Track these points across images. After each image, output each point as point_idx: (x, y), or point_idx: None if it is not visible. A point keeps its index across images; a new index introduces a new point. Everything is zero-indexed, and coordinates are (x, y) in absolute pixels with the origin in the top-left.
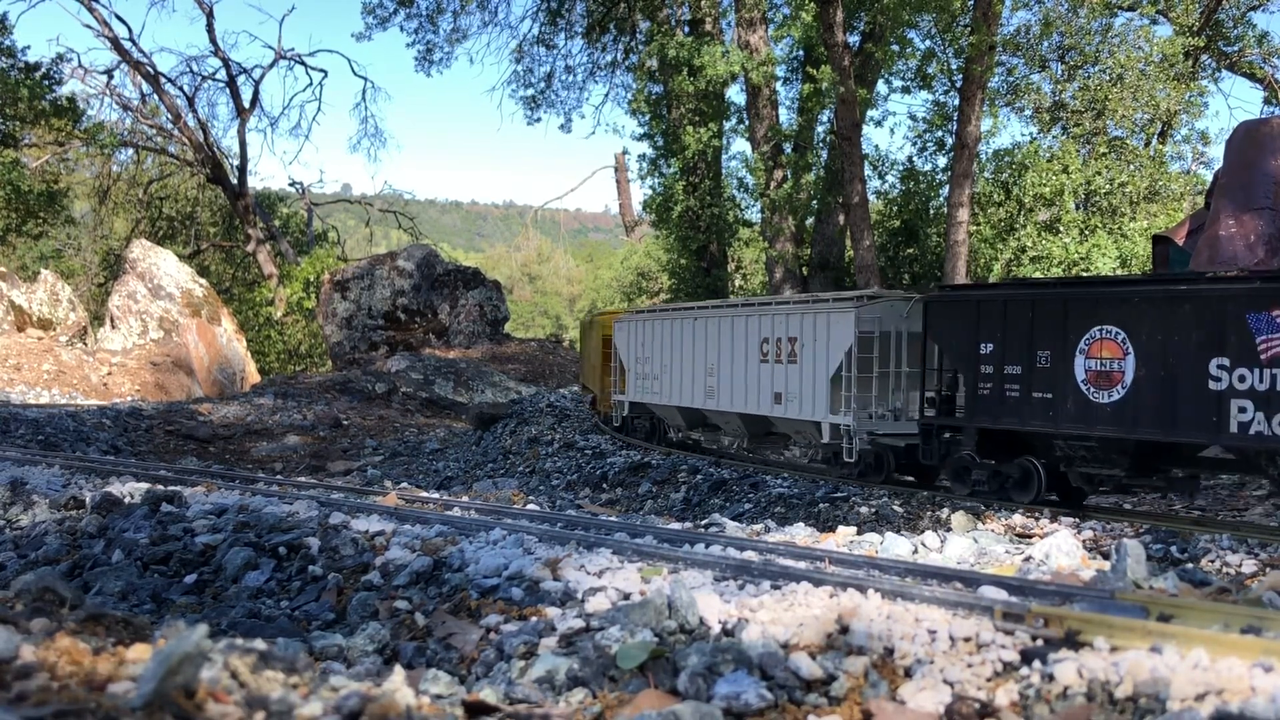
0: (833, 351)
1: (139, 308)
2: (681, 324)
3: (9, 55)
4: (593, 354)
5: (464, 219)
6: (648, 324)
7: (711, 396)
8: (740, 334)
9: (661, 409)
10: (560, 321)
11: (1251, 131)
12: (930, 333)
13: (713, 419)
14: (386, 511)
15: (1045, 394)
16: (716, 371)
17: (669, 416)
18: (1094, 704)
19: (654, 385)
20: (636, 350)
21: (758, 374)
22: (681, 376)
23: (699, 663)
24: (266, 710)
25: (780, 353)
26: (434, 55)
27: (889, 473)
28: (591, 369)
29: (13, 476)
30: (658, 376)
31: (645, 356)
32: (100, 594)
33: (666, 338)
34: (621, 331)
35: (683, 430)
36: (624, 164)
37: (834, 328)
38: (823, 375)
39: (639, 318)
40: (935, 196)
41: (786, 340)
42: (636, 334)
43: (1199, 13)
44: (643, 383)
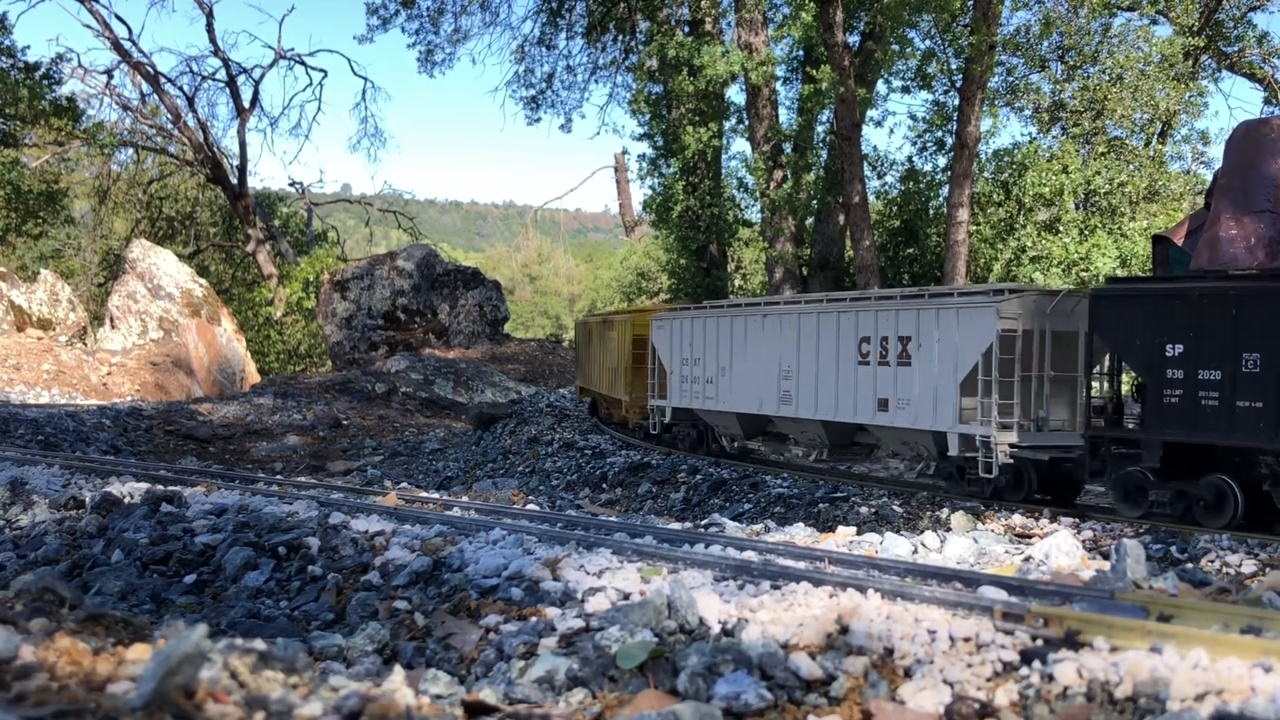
0: (964, 352)
1: (139, 308)
2: (746, 322)
3: (9, 55)
4: (607, 355)
5: (464, 219)
6: (699, 322)
7: (787, 402)
8: (829, 332)
9: (714, 416)
10: (560, 321)
11: (1251, 132)
12: (1099, 332)
13: (782, 428)
14: (386, 511)
15: (1253, 403)
16: (794, 374)
17: (723, 424)
18: (1094, 704)
19: (706, 390)
20: (682, 351)
21: (854, 377)
22: (745, 380)
23: (699, 663)
24: (266, 710)
25: (887, 353)
26: (435, 56)
27: (1030, 491)
28: (604, 370)
29: (13, 476)
30: (711, 380)
31: (694, 358)
32: (100, 594)
33: (724, 337)
34: (662, 330)
35: (739, 440)
36: (624, 164)
37: (966, 325)
38: (948, 379)
39: (687, 315)
40: (935, 196)
41: (896, 339)
42: (683, 333)
43: (1199, 13)
44: (690, 387)
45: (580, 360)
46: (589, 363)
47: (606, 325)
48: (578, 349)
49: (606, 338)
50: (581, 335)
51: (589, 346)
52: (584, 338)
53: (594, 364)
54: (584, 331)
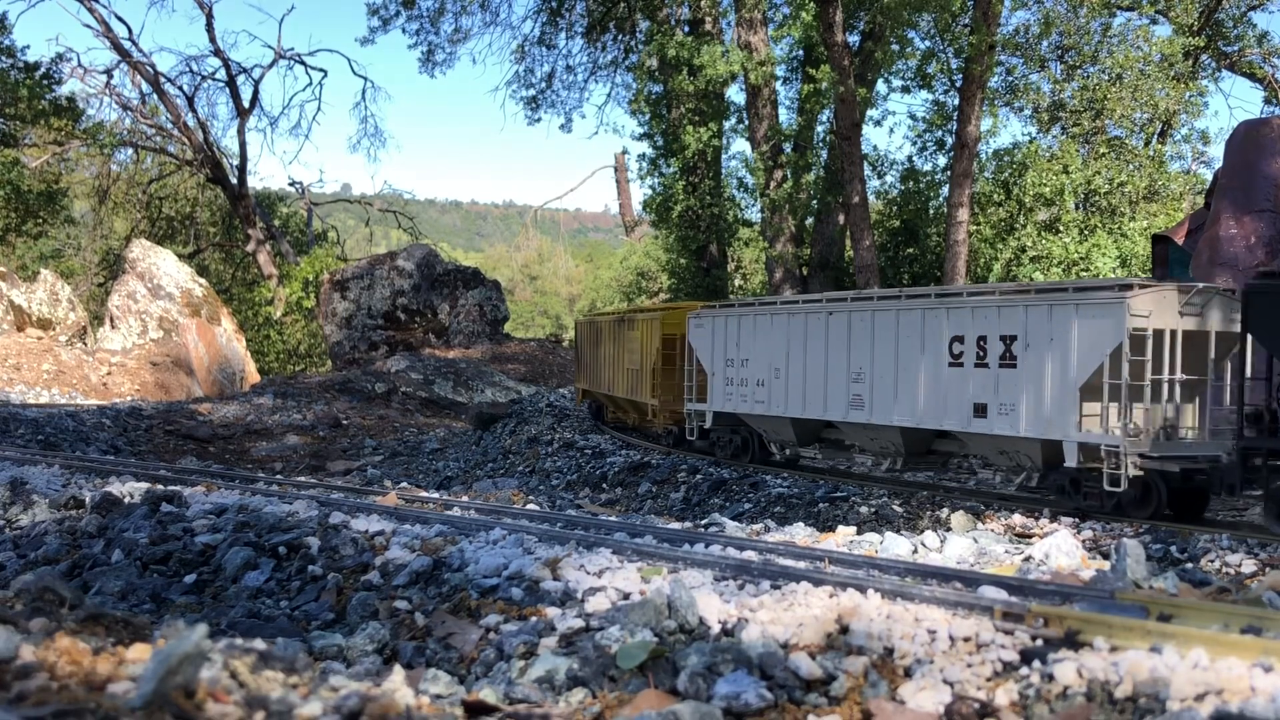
0: (1085, 353)
1: (139, 308)
2: (807, 320)
3: (9, 55)
4: (625, 355)
5: (464, 219)
6: (748, 320)
7: (858, 407)
8: (912, 331)
9: (764, 421)
10: (560, 321)
11: (1252, 132)
12: (1257, 332)
13: (849, 435)
14: (386, 511)
15: None
16: (867, 376)
17: (774, 431)
18: (1094, 704)
19: (756, 393)
20: (727, 351)
21: (943, 380)
22: (804, 383)
23: (699, 662)
24: (266, 710)
25: (985, 354)
26: (436, 56)
27: (1159, 506)
28: (622, 372)
29: (13, 476)
30: (762, 382)
31: (741, 359)
32: (100, 594)
33: (779, 336)
34: (702, 329)
35: (791, 447)
36: (624, 164)
37: (1088, 324)
38: (1066, 383)
39: (732, 312)
40: (935, 196)
41: (998, 339)
42: (727, 332)
43: (1199, 12)
44: (735, 390)
45: (584, 361)
46: (597, 364)
47: (626, 324)
48: (580, 349)
49: (625, 337)
50: (587, 335)
51: (597, 347)
52: (590, 337)
53: (604, 365)
54: (590, 331)
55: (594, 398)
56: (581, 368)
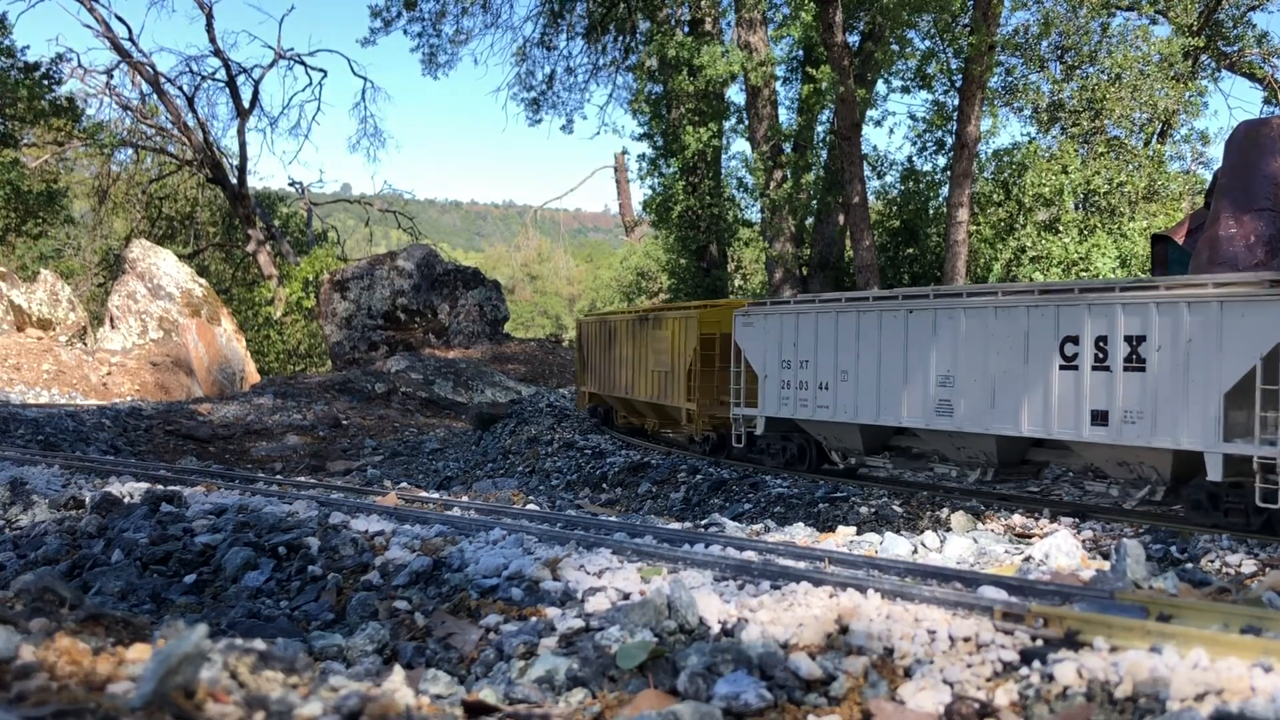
0: (1233, 357)
1: (139, 308)
2: (882, 318)
3: (9, 55)
4: (650, 357)
5: (464, 219)
6: (809, 318)
7: (945, 413)
8: (1013, 331)
9: (827, 428)
10: (560, 321)
11: (1251, 132)
12: None
13: (931, 443)
14: (386, 511)
15: None
16: (955, 380)
17: (838, 438)
18: (1094, 704)
19: (818, 397)
20: (783, 352)
21: (1053, 384)
22: (876, 386)
23: (699, 663)
24: (266, 710)
25: (1106, 356)
26: (439, 58)
27: None
28: (645, 375)
29: (13, 476)
30: (826, 386)
31: (800, 360)
32: (100, 594)
33: (848, 336)
34: (752, 328)
35: (856, 455)
36: (624, 164)
37: (1236, 323)
38: (1209, 389)
39: (788, 310)
40: (935, 196)
41: (1124, 340)
42: (783, 331)
43: (1198, 12)
44: (793, 394)
45: (590, 363)
46: (608, 366)
47: (650, 323)
48: (585, 350)
49: (651, 337)
50: (594, 335)
51: (609, 347)
52: (599, 337)
53: (619, 367)
54: (599, 330)
55: (602, 402)
56: (587, 370)
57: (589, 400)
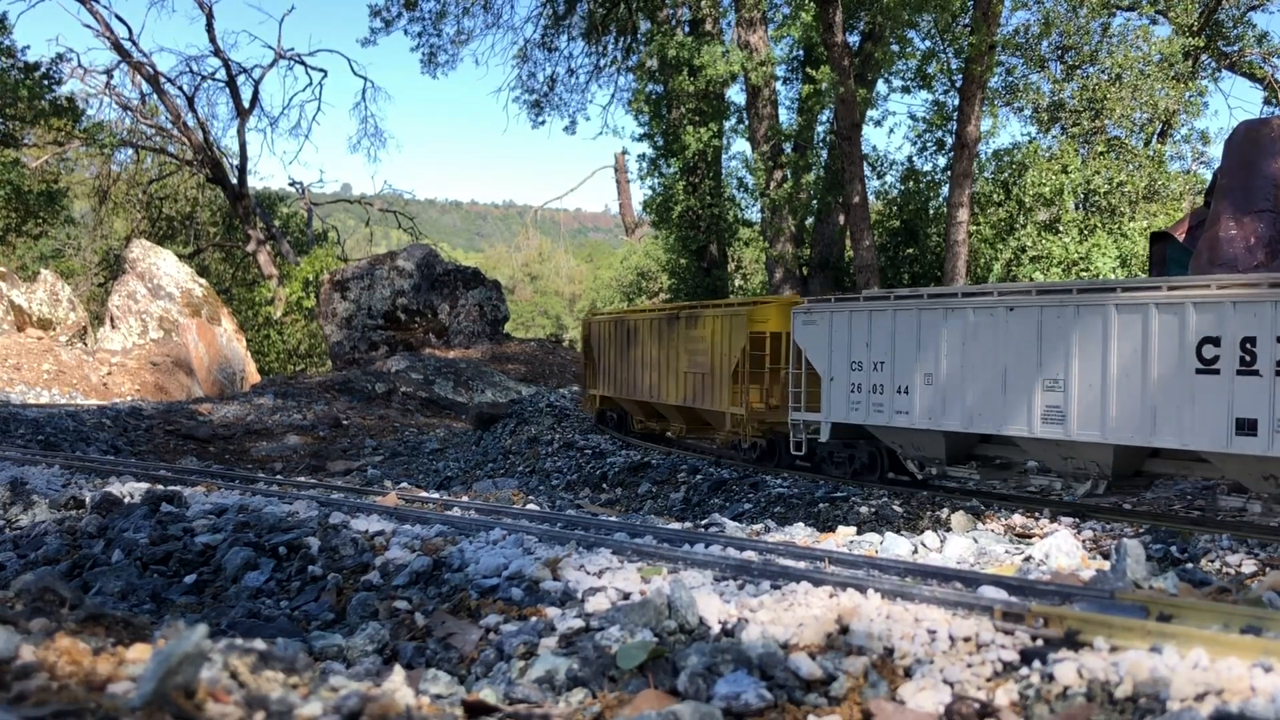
0: None
1: (139, 308)
2: (974, 316)
3: (9, 55)
4: (684, 358)
5: (464, 219)
6: (884, 316)
7: (1054, 420)
8: (1136, 331)
9: (905, 435)
10: (560, 321)
11: (1251, 132)
12: None
13: (1031, 452)
14: (386, 511)
15: None
16: (1065, 384)
17: (917, 446)
18: (1094, 704)
19: (895, 401)
20: (853, 352)
21: (1188, 390)
22: (969, 390)
23: (699, 663)
24: (266, 710)
25: (1254, 359)
26: (439, 58)
27: None
28: (677, 378)
29: (13, 476)
30: (905, 389)
31: (875, 362)
32: (100, 594)
33: (932, 335)
34: (814, 326)
35: (938, 465)
36: (624, 164)
37: None
38: None
39: (859, 307)
40: (935, 196)
41: (1275, 340)
42: (853, 330)
43: (1198, 12)
44: (865, 398)
45: (602, 364)
46: (627, 367)
47: (684, 321)
48: (596, 351)
49: (685, 336)
50: (608, 334)
51: (628, 348)
52: (613, 337)
53: (641, 368)
54: (614, 330)
55: (616, 406)
56: (598, 372)
57: (600, 404)
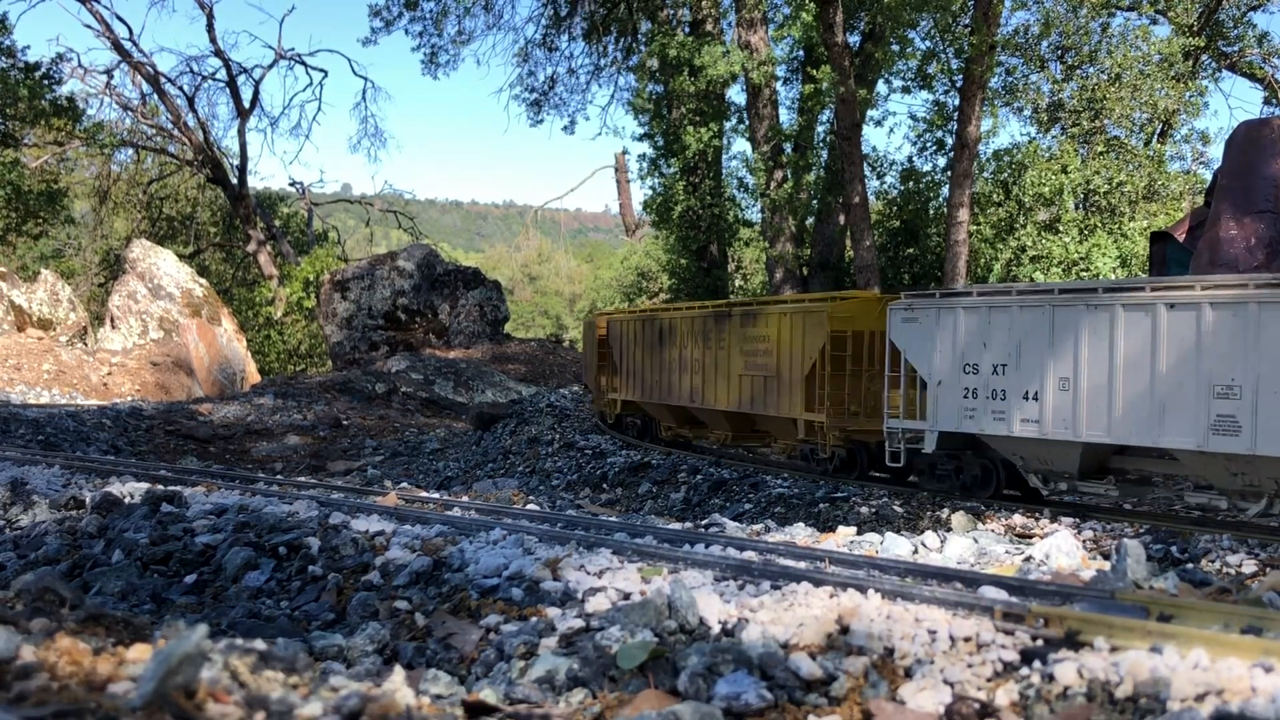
0: None
1: (139, 308)
2: (1123, 315)
3: (9, 55)
4: (740, 359)
5: (464, 219)
6: (1004, 313)
7: (1227, 431)
8: None
9: (1031, 446)
10: (560, 321)
11: (1252, 133)
12: None
13: (1193, 466)
14: (386, 511)
15: None
16: (1240, 391)
17: (1045, 458)
18: (1094, 704)
19: (1020, 409)
20: (966, 354)
21: None
22: (1113, 398)
23: (699, 663)
24: (266, 710)
25: None
26: (440, 58)
27: None
28: (731, 381)
29: (13, 476)
30: (1034, 396)
31: (995, 364)
32: (100, 594)
33: (1068, 336)
34: (917, 325)
35: (1068, 480)
36: (624, 164)
37: None
38: None
39: (973, 303)
40: (935, 196)
41: None
42: (966, 328)
43: (1198, 12)
44: (982, 404)
45: (626, 367)
46: (657, 370)
47: (740, 318)
48: (615, 352)
49: (739, 336)
50: (635, 334)
51: (658, 348)
52: (644, 337)
53: (676, 371)
54: (644, 329)
55: (640, 411)
56: (620, 374)
57: (620, 408)
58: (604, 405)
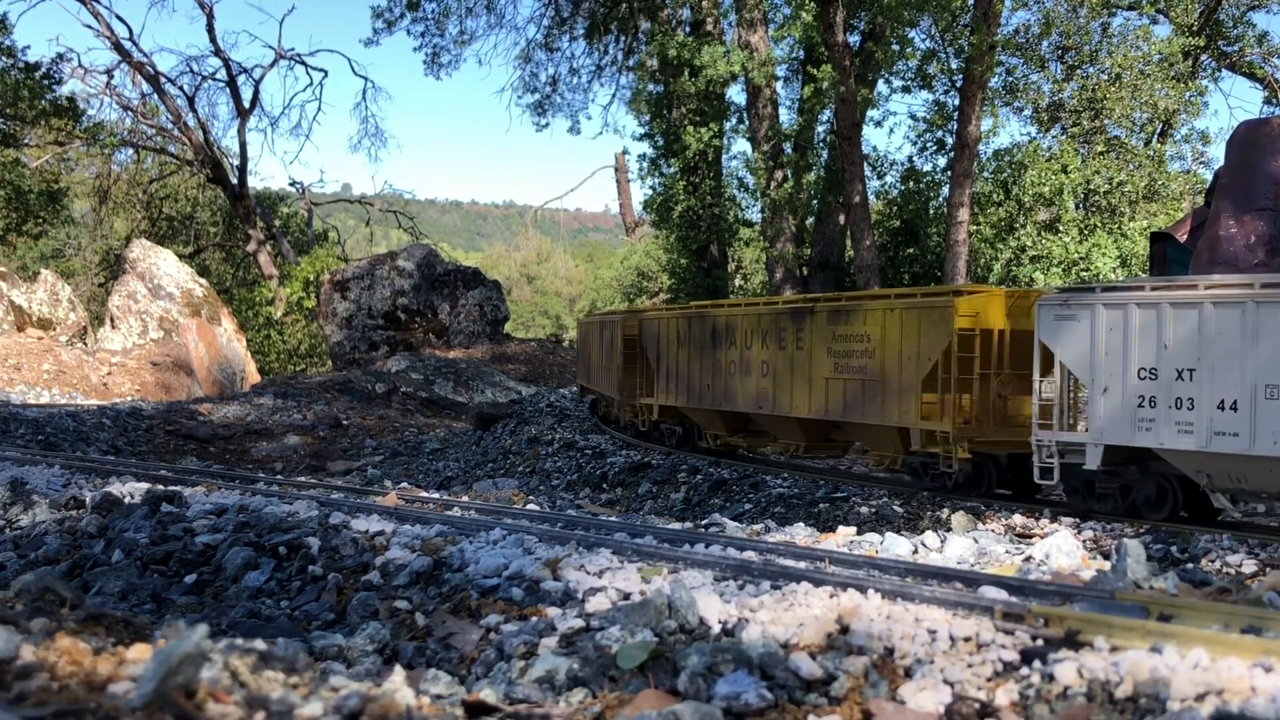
0: None
1: (139, 308)
2: None
3: (9, 55)
4: (811, 359)
5: (464, 219)
6: (1191, 310)
7: None
8: None
9: (1229, 463)
10: (560, 321)
11: (1252, 132)
12: None
13: None
14: (386, 511)
15: None
16: None
17: (1242, 476)
18: (1094, 704)
19: (1213, 421)
20: (1140, 356)
21: None
22: None
23: (699, 663)
24: (266, 710)
25: None
26: (442, 58)
27: None
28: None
29: (13, 476)
30: (1232, 406)
31: (1178, 369)
32: (100, 594)
33: (1277, 337)
34: (1075, 323)
35: (1265, 500)
36: (624, 164)
37: None
38: None
39: (1146, 297)
40: (935, 196)
41: None
42: (1141, 326)
43: (1199, 12)
44: (1164, 415)
45: (667, 369)
46: (710, 373)
47: (830, 315)
48: (653, 353)
49: (828, 334)
50: (681, 333)
51: (715, 349)
52: (692, 337)
53: (734, 375)
54: (693, 327)
55: (681, 418)
56: (661, 377)
57: (656, 414)
58: (633, 411)
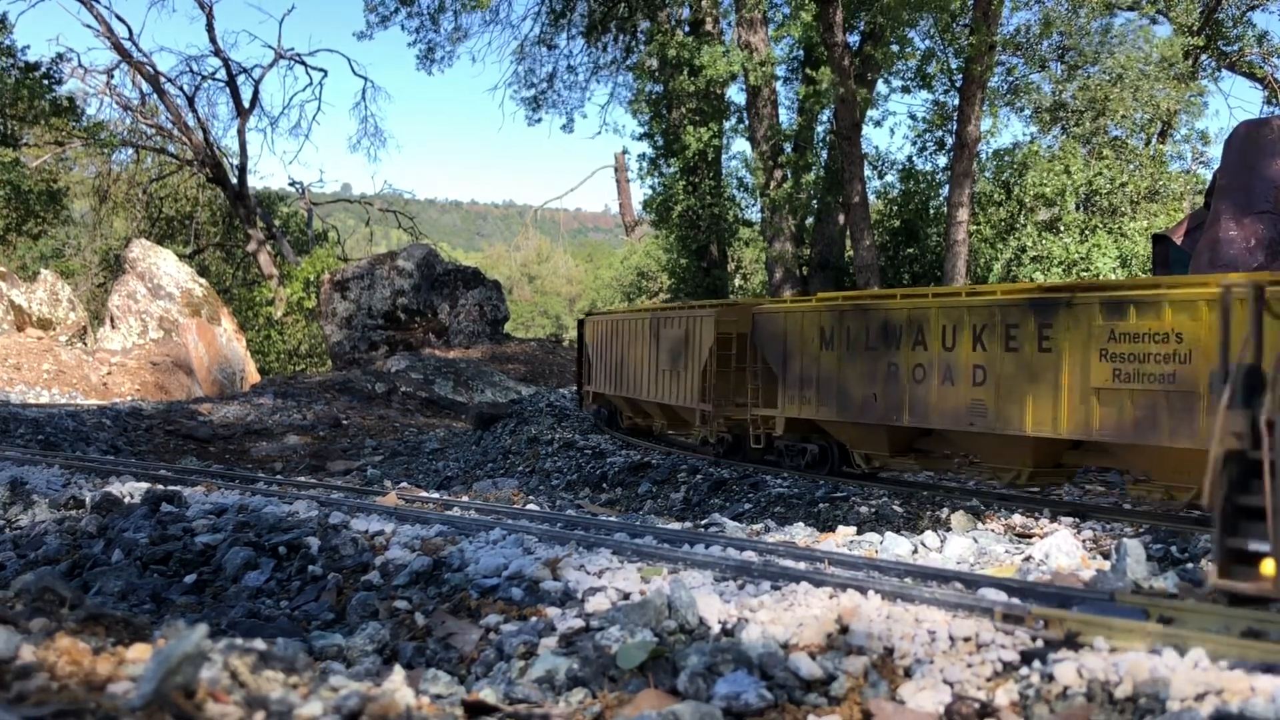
0: None
1: (139, 308)
2: None
3: (9, 55)
4: (1043, 365)
5: (464, 219)
6: None
7: None
8: None
9: None
10: (560, 321)
11: (1252, 133)
12: None
13: None
14: (386, 511)
15: None
16: None
17: None
18: (1094, 704)
19: None
20: None
21: None
22: None
23: (699, 663)
24: (266, 710)
25: None
26: (435, 54)
27: None
28: (1045, 389)
29: (13, 476)
30: None
31: None
32: (100, 594)
33: None
34: None
35: None
36: (624, 164)
37: None
38: None
39: None
40: (935, 196)
41: None
42: None
43: (1199, 12)
44: None
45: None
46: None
47: (1109, 307)
48: (779, 354)
49: (1098, 333)
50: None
51: (884, 352)
52: (843, 335)
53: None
54: (843, 324)
55: (821, 434)
56: (777, 383)
57: (781, 428)
58: (728, 423)
